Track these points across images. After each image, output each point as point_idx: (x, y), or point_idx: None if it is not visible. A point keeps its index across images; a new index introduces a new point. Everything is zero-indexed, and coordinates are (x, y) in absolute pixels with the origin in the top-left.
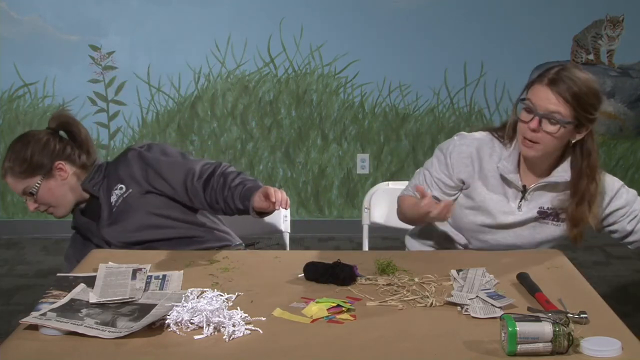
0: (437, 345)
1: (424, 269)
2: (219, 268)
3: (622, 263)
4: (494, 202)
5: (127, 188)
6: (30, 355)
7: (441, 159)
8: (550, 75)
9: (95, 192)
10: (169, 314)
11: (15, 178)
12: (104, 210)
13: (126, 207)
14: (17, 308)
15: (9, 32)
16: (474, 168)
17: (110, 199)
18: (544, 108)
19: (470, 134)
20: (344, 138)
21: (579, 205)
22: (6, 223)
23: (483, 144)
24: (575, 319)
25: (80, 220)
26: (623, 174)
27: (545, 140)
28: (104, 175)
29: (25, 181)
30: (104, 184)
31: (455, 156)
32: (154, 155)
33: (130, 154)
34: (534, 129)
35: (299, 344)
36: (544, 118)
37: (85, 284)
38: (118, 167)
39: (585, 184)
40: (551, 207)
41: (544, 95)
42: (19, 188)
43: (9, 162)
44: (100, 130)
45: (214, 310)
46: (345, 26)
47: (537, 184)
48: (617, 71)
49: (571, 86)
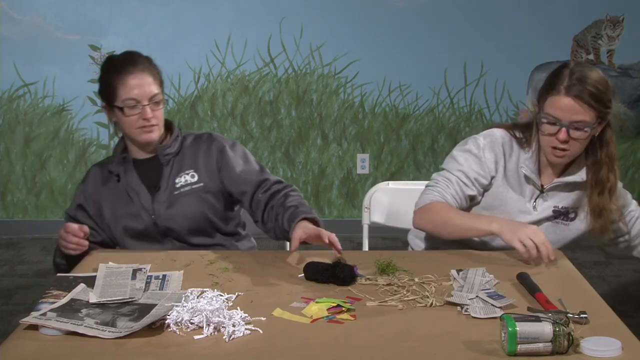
0: (437, 345)
1: (424, 269)
2: (219, 268)
3: (622, 263)
4: (513, 201)
5: (199, 179)
6: (30, 355)
7: (474, 158)
8: (565, 83)
9: (165, 161)
10: (169, 314)
11: (154, 80)
12: (163, 186)
13: (189, 201)
14: (17, 308)
15: (9, 32)
16: (502, 162)
17: (176, 180)
18: (568, 119)
19: (491, 132)
20: (344, 138)
21: (601, 195)
22: (6, 223)
23: (505, 142)
24: (575, 319)
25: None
26: (623, 174)
27: (575, 146)
28: (179, 149)
29: (159, 88)
30: (176, 159)
31: (488, 153)
32: (236, 156)
33: (215, 146)
34: (565, 140)
35: (299, 344)
36: (571, 128)
37: (85, 284)
38: (198, 150)
39: (605, 173)
40: (565, 206)
41: (567, 107)
42: (152, 90)
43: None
44: (100, 130)
45: (214, 310)
46: (345, 26)
47: (552, 184)
48: (617, 71)
49: (588, 89)
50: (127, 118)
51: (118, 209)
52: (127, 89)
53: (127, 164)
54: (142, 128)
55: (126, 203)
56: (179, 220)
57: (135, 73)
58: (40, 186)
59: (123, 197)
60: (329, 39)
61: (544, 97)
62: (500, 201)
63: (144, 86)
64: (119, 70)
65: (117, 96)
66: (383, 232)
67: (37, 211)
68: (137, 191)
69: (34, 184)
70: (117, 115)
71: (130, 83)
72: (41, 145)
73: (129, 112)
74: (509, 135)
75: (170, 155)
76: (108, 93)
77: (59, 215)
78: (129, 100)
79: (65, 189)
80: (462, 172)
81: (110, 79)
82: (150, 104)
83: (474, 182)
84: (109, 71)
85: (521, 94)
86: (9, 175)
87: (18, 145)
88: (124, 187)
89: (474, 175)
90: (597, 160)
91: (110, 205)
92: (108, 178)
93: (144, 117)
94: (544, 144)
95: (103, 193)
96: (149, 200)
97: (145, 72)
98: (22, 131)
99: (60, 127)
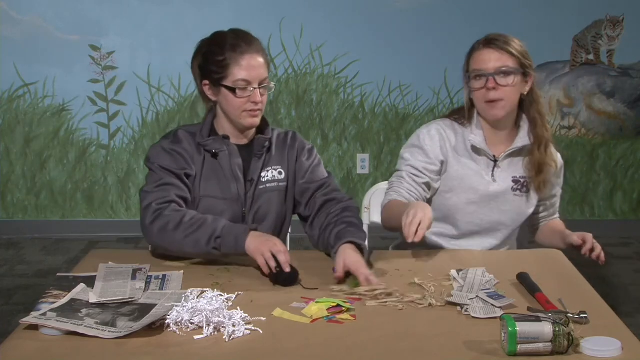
0: (437, 345)
1: (424, 269)
2: (219, 268)
3: (622, 263)
4: (470, 176)
5: (285, 177)
6: (30, 355)
7: (417, 150)
8: (482, 41)
9: (259, 153)
10: (169, 314)
11: (265, 63)
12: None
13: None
14: (17, 308)
15: (9, 32)
16: (448, 145)
17: (262, 173)
18: (493, 67)
19: (429, 124)
20: (344, 138)
21: (539, 149)
22: (6, 223)
23: (446, 126)
24: (575, 319)
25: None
26: (623, 174)
27: (506, 93)
28: (270, 142)
29: (267, 72)
30: (267, 153)
31: (428, 141)
32: (312, 157)
33: (299, 145)
34: (493, 87)
35: (299, 344)
36: (497, 75)
37: (85, 284)
38: (285, 146)
39: (540, 128)
40: (523, 175)
41: (488, 57)
42: (263, 74)
43: (261, 44)
44: (100, 130)
45: (214, 310)
46: (345, 26)
47: (505, 153)
48: (617, 71)
49: (506, 41)
50: (237, 99)
51: (211, 189)
52: (241, 69)
53: (230, 145)
54: (250, 112)
55: (221, 187)
56: (260, 217)
57: (251, 53)
58: (40, 186)
59: (219, 179)
60: (329, 39)
61: (467, 62)
62: (460, 179)
63: (257, 68)
64: (234, 48)
65: (228, 75)
66: (383, 232)
67: (37, 211)
68: (238, 179)
69: (34, 184)
70: (224, 95)
71: (244, 63)
72: (41, 145)
73: (240, 94)
74: (449, 120)
75: (265, 148)
76: (216, 70)
77: (59, 215)
78: (241, 81)
79: (65, 189)
80: (410, 166)
81: (222, 56)
82: (260, 88)
83: (423, 171)
84: (219, 47)
85: None
86: (9, 175)
87: (18, 145)
88: (226, 169)
89: (422, 165)
90: (531, 118)
91: (203, 181)
92: (199, 150)
93: (253, 101)
94: (478, 103)
95: (197, 163)
96: (244, 191)
97: (260, 53)
98: (22, 131)
99: (60, 127)
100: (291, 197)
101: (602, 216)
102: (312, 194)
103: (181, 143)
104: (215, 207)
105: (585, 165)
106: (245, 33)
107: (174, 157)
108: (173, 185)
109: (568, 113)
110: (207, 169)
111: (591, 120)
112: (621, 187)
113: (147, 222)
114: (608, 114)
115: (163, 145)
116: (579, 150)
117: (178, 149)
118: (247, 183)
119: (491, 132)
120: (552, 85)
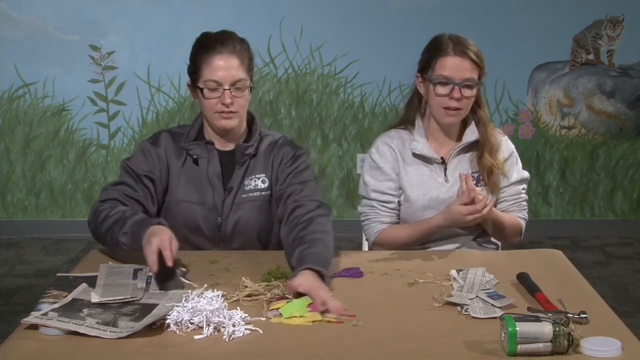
0: (437, 345)
1: (424, 269)
2: (219, 268)
3: (622, 263)
4: (425, 179)
5: (268, 186)
6: (30, 355)
7: (375, 172)
8: (450, 46)
9: (241, 160)
10: (170, 314)
11: (241, 64)
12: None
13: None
14: (17, 308)
15: (9, 32)
16: (398, 156)
17: (245, 182)
18: (460, 77)
19: (376, 140)
20: (344, 138)
21: (489, 153)
22: (6, 223)
23: (391, 138)
24: (575, 319)
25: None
26: (623, 174)
27: (466, 104)
28: (256, 150)
29: (246, 73)
30: (252, 160)
31: (380, 158)
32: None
33: (284, 151)
34: (459, 98)
35: (299, 344)
36: (463, 86)
37: (86, 284)
38: (271, 152)
39: (489, 131)
40: (476, 170)
41: (459, 65)
42: (236, 75)
43: (241, 46)
44: (100, 130)
45: (214, 310)
46: (345, 26)
47: (453, 151)
48: (617, 71)
49: (471, 48)
50: (207, 101)
51: (190, 195)
52: (211, 70)
53: (211, 152)
54: (220, 113)
55: (198, 193)
56: (240, 226)
57: (222, 54)
58: (40, 186)
59: (196, 185)
60: (329, 39)
61: (430, 62)
62: (413, 187)
63: (228, 69)
64: (207, 49)
65: (200, 76)
66: None
67: (37, 211)
68: (215, 186)
69: (34, 184)
70: (199, 96)
71: (214, 64)
72: (41, 145)
73: (209, 94)
74: (394, 131)
75: (248, 156)
76: (193, 71)
77: (59, 215)
78: (211, 82)
79: (65, 189)
80: (375, 191)
81: (197, 57)
82: (231, 89)
83: (387, 191)
84: (197, 47)
85: (521, 94)
86: (9, 175)
87: (18, 145)
88: (203, 176)
89: (385, 186)
90: (479, 120)
91: (180, 185)
92: (180, 154)
93: (223, 102)
94: (435, 106)
95: (174, 167)
96: (221, 199)
97: (234, 55)
98: (22, 131)
99: (60, 127)
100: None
101: (602, 216)
102: (285, 199)
103: (158, 146)
104: (194, 212)
105: (585, 165)
106: (226, 34)
107: (146, 159)
108: (126, 185)
109: (568, 113)
110: (187, 174)
111: (591, 120)
112: (621, 187)
113: (88, 218)
114: (608, 114)
115: (142, 146)
116: (579, 150)
117: (153, 151)
118: (226, 191)
119: (438, 134)
120: (552, 85)
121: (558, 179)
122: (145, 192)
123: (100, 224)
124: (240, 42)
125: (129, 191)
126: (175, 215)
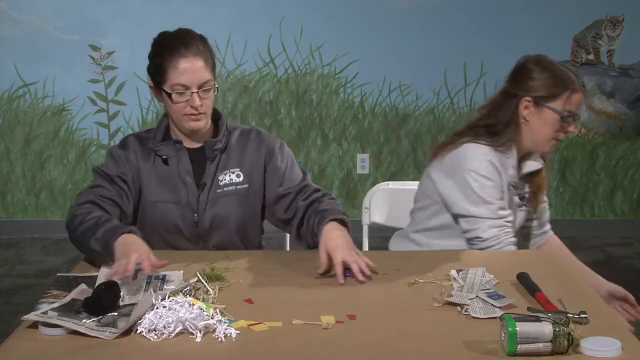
0: (437, 345)
1: (424, 269)
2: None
3: (622, 263)
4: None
5: (244, 180)
6: (30, 355)
7: (488, 182)
8: (578, 79)
9: (211, 156)
10: (141, 322)
11: (206, 65)
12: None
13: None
14: (17, 308)
15: (9, 32)
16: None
17: (219, 177)
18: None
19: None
20: (344, 138)
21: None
22: (6, 223)
23: (493, 158)
24: (575, 319)
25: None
26: (623, 174)
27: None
28: (225, 144)
29: (211, 73)
30: (222, 155)
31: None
32: (284, 158)
33: (264, 145)
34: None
35: (299, 344)
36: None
37: (86, 284)
38: (245, 148)
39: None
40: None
41: (581, 101)
42: (203, 77)
43: (203, 45)
44: (100, 130)
45: (196, 317)
46: (345, 26)
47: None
48: (617, 71)
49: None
50: (175, 105)
51: (164, 195)
52: (177, 73)
53: (180, 150)
54: (190, 116)
55: (171, 192)
56: (218, 222)
57: (187, 56)
58: (40, 186)
59: (169, 185)
60: (329, 39)
61: (557, 94)
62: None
63: (195, 72)
64: (170, 51)
65: (165, 79)
66: (383, 232)
67: (37, 211)
68: (187, 184)
69: (34, 184)
70: (165, 99)
71: (180, 67)
72: (41, 145)
73: (177, 98)
74: (492, 150)
75: (217, 151)
76: (156, 73)
77: (59, 215)
78: (178, 86)
79: (65, 189)
80: (503, 209)
81: (161, 59)
82: (199, 92)
83: (506, 208)
84: (159, 49)
85: None
86: (9, 175)
87: (18, 145)
88: (175, 174)
89: (501, 204)
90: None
91: (152, 186)
92: (149, 156)
93: (192, 105)
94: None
95: (144, 169)
96: (195, 196)
97: (198, 56)
98: (22, 131)
99: (60, 127)
100: (258, 201)
101: (602, 216)
102: (291, 201)
103: (127, 150)
104: (171, 212)
105: (585, 165)
106: (186, 34)
107: (117, 162)
108: (101, 187)
109: None
110: (158, 174)
111: (591, 120)
112: (621, 187)
113: (65, 222)
114: (608, 114)
115: (111, 151)
116: (579, 150)
117: (122, 155)
118: (200, 188)
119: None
120: None
121: (558, 179)
122: (120, 192)
123: (76, 229)
124: (202, 41)
125: (104, 192)
126: (151, 216)
